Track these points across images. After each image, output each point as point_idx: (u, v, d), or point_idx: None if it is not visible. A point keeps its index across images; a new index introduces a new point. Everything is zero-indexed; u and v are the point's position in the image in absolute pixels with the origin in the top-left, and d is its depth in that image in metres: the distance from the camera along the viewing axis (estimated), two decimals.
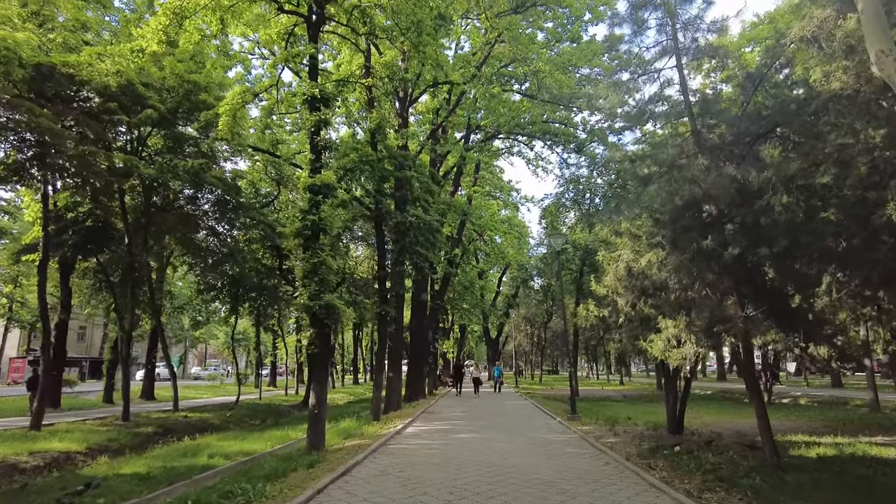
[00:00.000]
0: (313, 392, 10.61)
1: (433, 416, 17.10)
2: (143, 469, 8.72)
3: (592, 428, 14.22)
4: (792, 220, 8.26)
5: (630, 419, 16.42)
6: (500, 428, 13.62)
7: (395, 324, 18.75)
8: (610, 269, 12.28)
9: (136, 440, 13.95)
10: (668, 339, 10.20)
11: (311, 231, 10.82)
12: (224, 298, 25.60)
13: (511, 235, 39.21)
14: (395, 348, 18.66)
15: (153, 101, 15.09)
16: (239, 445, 11.39)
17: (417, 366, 24.24)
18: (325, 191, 11.20)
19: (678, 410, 13.28)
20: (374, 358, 40.56)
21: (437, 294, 27.49)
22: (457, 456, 9.35)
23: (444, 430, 13.22)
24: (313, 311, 10.46)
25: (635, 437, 12.63)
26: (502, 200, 41.54)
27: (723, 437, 12.87)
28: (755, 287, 8.98)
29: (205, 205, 18.39)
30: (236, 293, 25.62)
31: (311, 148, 11.71)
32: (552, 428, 13.95)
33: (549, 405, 21.15)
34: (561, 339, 60.71)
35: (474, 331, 61.54)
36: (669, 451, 10.31)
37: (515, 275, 49.63)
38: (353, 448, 10.44)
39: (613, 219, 11.84)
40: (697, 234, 9.04)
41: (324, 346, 10.87)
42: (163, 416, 19.53)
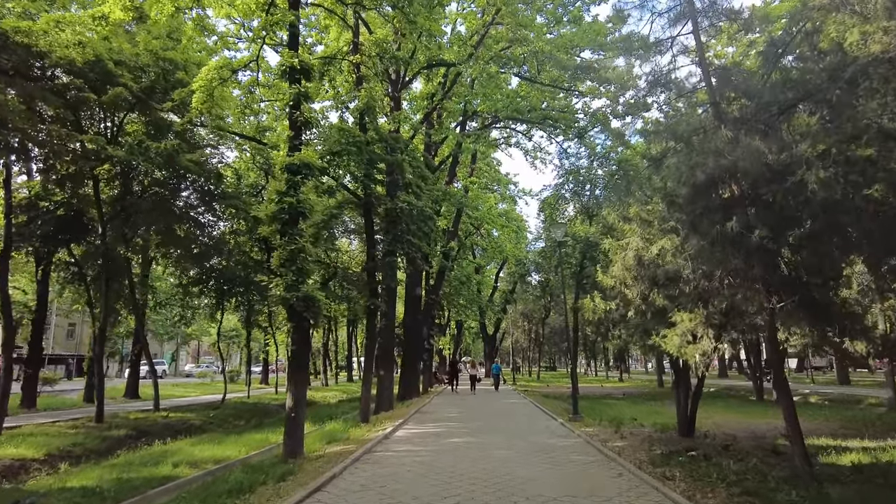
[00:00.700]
0: (290, 394, 9.58)
1: (427, 416, 16.09)
2: (93, 481, 7.68)
3: (597, 430, 13.24)
4: (828, 198, 7.27)
5: (635, 420, 15.46)
6: (497, 431, 12.62)
7: (387, 319, 17.72)
8: (617, 258, 11.28)
9: (105, 444, 12.90)
10: (684, 333, 9.21)
11: (289, 215, 9.76)
12: (209, 293, 24.49)
13: (509, 229, 38.19)
14: (387, 345, 17.64)
15: (125, 80, 13.98)
16: (211, 451, 10.36)
17: (411, 363, 23.23)
18: (305, 171, 10.15)
19: (690, 411, 12.31)
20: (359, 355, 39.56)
21: (432, 289, 26.46)
22: (449, 466, 8.33)
23: (437, 433, 12.21)
24: (290, 304, 9.43)
25: (644, 441, 11.65)
26: (500, 194, 40.53)
27: (738, 439, 11.91)
28: (784, 275, 7.98)
29: (184, 192, 17.26)
30: (222, 288, 24.54)
31: (289, 124, 10.66)
32: (554, 430, 12.95)
33: (548, 404, 20.17)
34: (559, 336, 59.81)
35: (471, 327, 60.57)
36: (685, 458, 9.32)
37: (513, 270, 48.62)
38: (335, 455, 9.42)
39: (623, 201, 10.80)
40: (720, 215, 8.04)
41: (303, 342, 9.84)
42: (141, 416, 18.47)
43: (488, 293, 47.37)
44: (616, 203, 11.30)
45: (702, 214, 8.29)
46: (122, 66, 14.39)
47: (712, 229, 7.91)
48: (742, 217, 7.76)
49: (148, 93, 14.55)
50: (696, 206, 8.38)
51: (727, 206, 8.30)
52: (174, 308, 26.21)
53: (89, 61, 13.30)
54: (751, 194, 8.26)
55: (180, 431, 16.06)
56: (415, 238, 13.66)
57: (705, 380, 12.84)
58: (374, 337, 14.89)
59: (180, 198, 17.36)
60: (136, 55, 14.66)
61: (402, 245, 13.59)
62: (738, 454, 9.79)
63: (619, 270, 11.07)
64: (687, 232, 8.85)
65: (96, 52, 13.13)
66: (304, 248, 9.63)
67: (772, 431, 13.49)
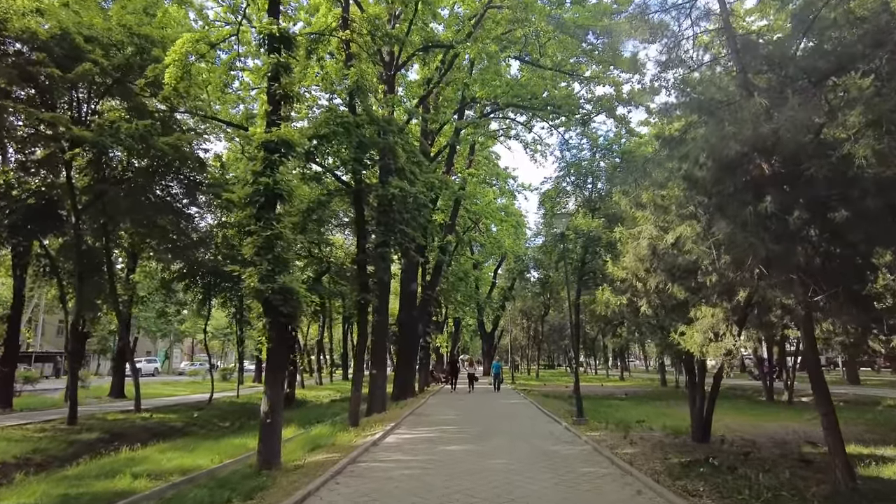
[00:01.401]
0: (266, 396, 8.57)
1: (421, 419, 15.10)
2: (33, 498, 6.67)
3: (603, 434, 12.27)
4: (879, 174, 6.31)
5: (643, 422, 14.50)
6: (497, 436, 11.63)
7: (379, 314, 16.72)
8: (629, 248, 10.29)
9: (71, 450, 11.90)
10: (706, 329, 8.23)
11: (265, 197, 8.75)
12: (196, 289, 23.44)
13: (507, 224, 37.19)
14: (379, 342, 16.64)
15: (96, 56, 12.93)
16: (181, 460, 9.35)
17: (407, 361, 22.24)
18: (285, 148, 9.13)
19: (705, 414, 11.34)
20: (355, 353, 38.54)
21: (428, 284, 25.44)
22: (442, 481, 7.34)
23: (431, 439, 11.21)
24: (265, 297, 8.42)
25: (656, 447, 10.68)
26: (498, 188, 39.52)
27: (758, 445, 10.94)
28: (826, 263, 7.00)
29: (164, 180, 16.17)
30: (209, 283, 23.52)
31: (267, 98, 9.63)
32: (558, 435, 11.97)
33: (550, 405, 19.19)
34: (558, 333, 58.83)
35: (469, 325, 59.57)
36: (707, 469, 8.34)
37: (512, 266, 47.70)
38: (316, 466, 8.43)
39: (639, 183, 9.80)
40: (751, 195, 7.05)
41: (280, 339, 8.83)
42: (120, 417, 17.48)
43: (487, 290, 46.39)
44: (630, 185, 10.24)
45: (730, 195, 7.31)
46: (93, 43, 13.35)
47: (743, 211, 6.92)
48: (777, 197, 6.77)
49: (122, 71, 13.50)
50: (724, 186, 7.40)
51: (759, 185, 7.31)
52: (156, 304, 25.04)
53: (55, 35, 12.25)
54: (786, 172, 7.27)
55: (158, 434, 15.06)
56: (408, 227, 12.64)
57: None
58: (364, 334, 13.88)
59: (159, 187, 16.26)
60: (108, 30, 13.61)
61: (395, 235, 12.59)
62: (764, 464, 8.81)
63: (631, 261, 10.08)
64: (712, 216, 7.87)
65: (62, 24, 12.08)
66: (282, 235, 8.62)
67: (791, 436, 12.55)
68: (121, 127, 12.04)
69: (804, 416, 16.81)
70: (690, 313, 9.12)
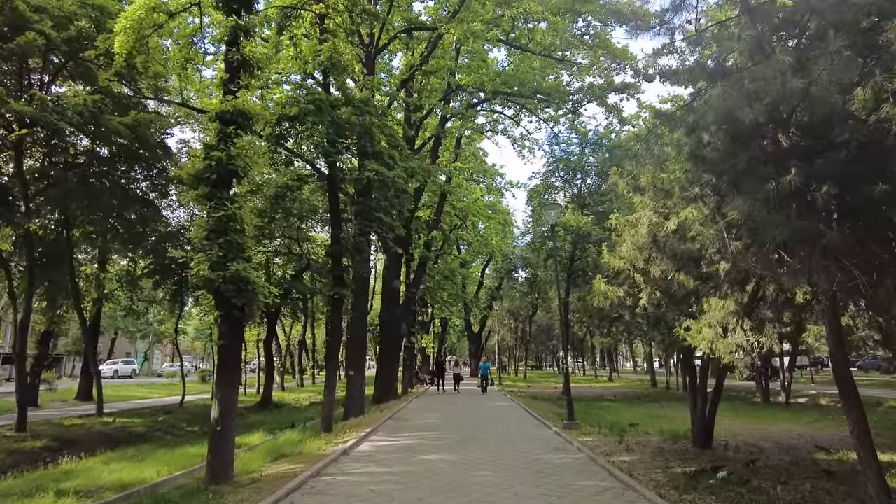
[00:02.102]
0: (217, 401, 7.51)
1: (401, 423, 14.07)
2: None
3: (596, 440, 11.34)
4: None
5: (637, 426, 13.62)
6: (482, 443, 10.64)
7: (357, 312, 15.67)
8: (627, 236, 9.37)
9: (10, 460, 10.71)
10: (715, 324, 7.31)
11: (218, 174, 7.69)
12: (166, 286, 22.21)
13: (495, 221, 36.35)
14: (358, 342, 15.60)
15: (43, 27, 11.76)
16: (123, 472, 8.24)
17: (389, 362, 21.17)
18: (242, 121, 8.08)
19: (707, 418, 10.45)
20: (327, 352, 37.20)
21: (412, 282, 24.41)
22: (415, 499, 6.32)
23: (409, 446, 10.18)
24: (216, 287, 7.36)
25: (655, 454, 9.77)
26: (486, 185, 38.63)
27: (765, 452, 10.07)
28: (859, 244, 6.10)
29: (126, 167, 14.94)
30: (181, 280, 22.29)
31: (225, 65, 8.59)
32: (549, 441, 11.01)
33: (538, 407, 18.25)
34: (546, 334, 58.03)
35: (456, 325, 58.59)
36: (717, 481, 7.41)
37: (499, 266, 46.85)
38: (274, 479, 7.38)
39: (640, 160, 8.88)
40: (771, 169, 6.13)
41: (233, 335, 7.77)
42: (78, 423, 16.27)
43: (474, 290, 45.47)
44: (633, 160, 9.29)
45: (747, 170, 6.38)
46: (43, 14, 12.18)
47: (762, 186, 5.99)
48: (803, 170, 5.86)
49: (73, 44, 12.33)
50: (738, 159, 6.48)
51: (779, 157, 6.40)
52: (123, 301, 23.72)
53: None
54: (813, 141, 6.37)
55: (116, 441, 13.89)
56: (386, 216, 11.61)
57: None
58: (338, 332, 12.83)
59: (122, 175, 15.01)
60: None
61: (372, 224, 11.56)
62: (778, 474, 7.92)
63: (629, 250, 9.15)
64: (724, 194, 6.94)
65: None
66: (236, 216, 7.56)
67: (798, 441, 11.72)
68: (66, 103, 10.88)
69: (804, 418, 16.06)
70: (695, 306, 8.23)
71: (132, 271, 19.66)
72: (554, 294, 45.42)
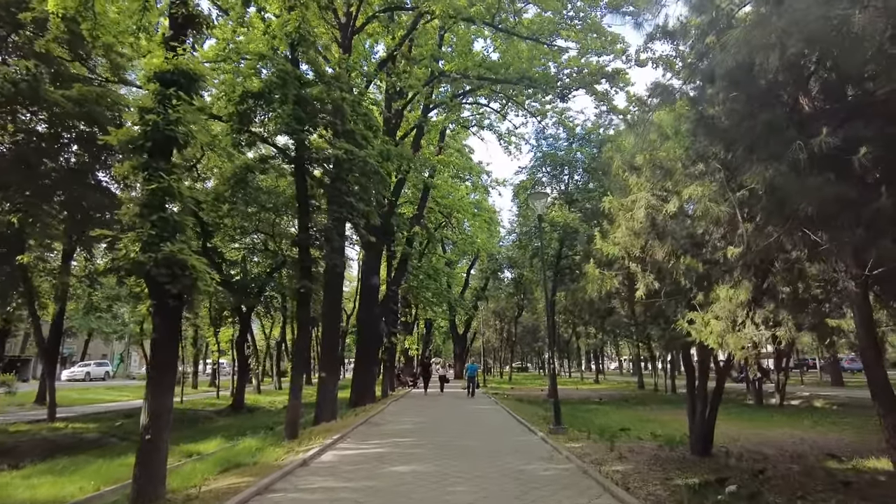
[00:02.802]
0: (146, 405, 6.41)
1: (375, 429, 13.01)
2: None
3: (585, 446, 10.40)
4: None
5: (628, 431, 12.72)
6: (461, 451, 9.62)
7: (330, 309, 14.60)
8: (622, 220, 8.44)
9: None
10: (725, 316, 6.38)
11: (154, 141, 6.61)
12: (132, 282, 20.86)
13: (481, 219, 35.41)
14: (330, 340, 14.53)
15: None
16: (38, 489, 7.10)
17: (366, 363, 20.05)
18: (185, 82, 7.00)
19: (706, 422, 9.54)
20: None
21: (393, 279, 23.34)
22: None
23: (380, 455, 9.13)
24: (147, 271, 6.28)
25: (651, 463, 8.83)
26: (471, 183, 37.69)
27: (770, 460, 9.19)
28: None
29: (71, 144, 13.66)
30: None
31: (169, 21, 7.52)
32: (534, 449, 10.02)
33: (523, 411, 17.28)
34: (532, 335, 57.21)
35: (441, 327, 57.53)
36: (725, 497, 6.47)
37: (485, 266, 45.92)
38: (214, 496, 6.31)
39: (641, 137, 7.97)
40: (794, 132, 5.23)
41: (168, 329, 6.68)
42: (24, 429, 14.99)
43: (459, 290, 44.47)
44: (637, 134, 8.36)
45: (767, 133, 5.45)
46: None
47: (786, 151, 5.06)
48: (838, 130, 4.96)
49: (11, 11, 11.13)
50: (757, 121, 5.56)
51: (807, 117, 5.51)
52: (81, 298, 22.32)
53: None
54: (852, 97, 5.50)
55: (62, 448, 12.64)
56: (359, 201, 10.54)
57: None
58: (306, 330, 11.74)
59: (69, 153, 13.74)
60: None
61: (342, 210, 10.51)
62: (791, 486, 7.00)
63: (624, 236, 8.23)
64: (737, 166, 6.03)
65: None
66: (173, 190, 6.48)
67: (802, 446, 10.86)
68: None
69: (802, 421, 15.26)
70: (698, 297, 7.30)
71: (90, 265, 18.27)
72: (540, 295, 44.72)
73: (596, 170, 25.71)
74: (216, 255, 22.21)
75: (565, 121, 26.04)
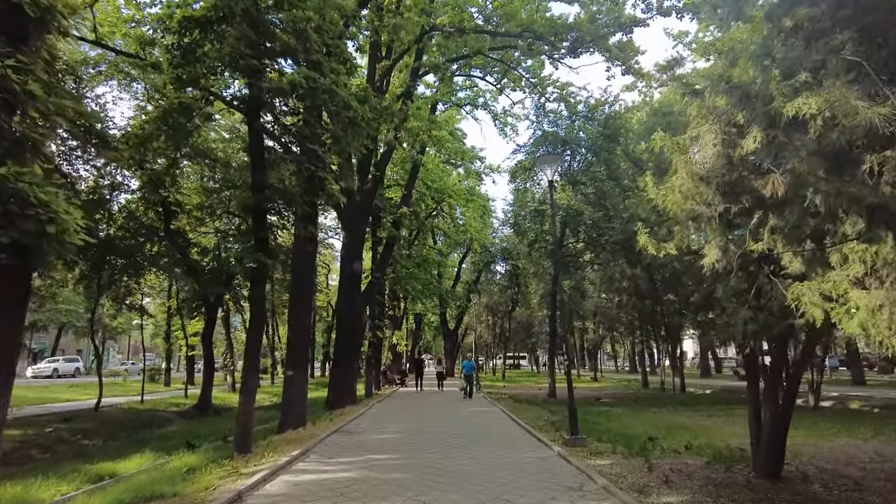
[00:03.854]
0: None
1: (350, 439, 10.64)
2: None
3: (614, 463, 8.18)
4: None
5: (657, 441, 10.49)
6: (457, 478, 7.28)
7: (299, 296, 12.22)
8: (679, 164, 6.16)
9: None
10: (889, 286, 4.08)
11: None
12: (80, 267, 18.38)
13: (474, 205, 33.17)
14: (299, 332, 12.16)
15: None
16: None
17: (346, 359, 17.66)
18: None
19: (777, 434, 7.32)
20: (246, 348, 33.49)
21: (377, 265, 20.94)
22: None
23: (346, 484, 6.75)
24: None
25: (707, 489, 6.64)
26: (464, 170, 35.45)
27: (864, 487, 6.97)
28: None
29: None
30: (101, 259, 18.53)
31: None
32: (554, 471, 7.72)
33: (526, 415, 15.01)
34: (525, 331, 54.92)
35: (431, 322, 55.17)
36: None
37: (478, 258, 43.68)
38: None
39: None
40: None
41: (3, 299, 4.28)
42: None
43: (450, 283, 42.19)
44: None
45: None
46: None
47: None
48: None
49: None
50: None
51: None
52: None
53: None
54: None
55: None
56: (319, 146, 8.09)
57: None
58: (260, 318, 9.28)
59: None
60: None
61: (302, 158, 8.09)
62: None
63: (684, 180, 5.95)
64: None
65: None
66: None
67: (886, 463, 8.67)
68: None
69: (858, 427, 12.91)
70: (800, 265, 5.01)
71: None
72: (535, 288, 42.51)
73: (602, 149, 23.48)
74: (180, 237, 19.82)
75: (567, 96, 23.84)
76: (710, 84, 6.19)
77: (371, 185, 17.73)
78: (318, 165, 7.97)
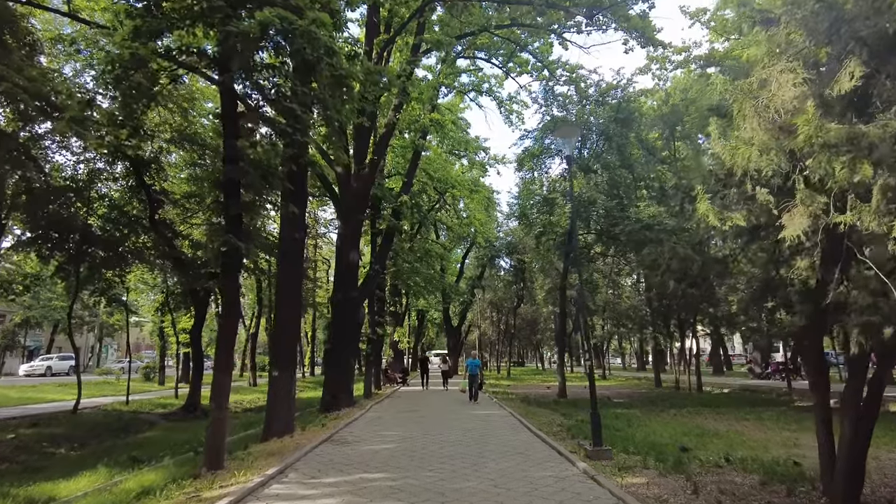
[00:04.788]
0: None
1: (341, 451, 9.31)
2: None
3: (650, 482, 6.89)
4: None
5: (690, 452, 9.21)
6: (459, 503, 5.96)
7: (286, 286, 10.90)
8: (748, 111, 4.83)
9: None
10: None
11: None
12: (59, 258, 17.16)
13: (478, 196, 31.82)
14: (285, 328, 10.86)
15: None
16: None
17: (341, 357, 16.35)
18: None
19: (857, 449, 6.00)
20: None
21: (377, 256, 19.61)
22: None
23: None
24: None
25: None
26: (467, 161, 34.18)
27: None
28: None
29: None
30: (80, 250, 17.28)
31: None
32: (580, 494, 6.39)
33: (538, 418, 13.69)
34: (530, 328, 53.51)
35: (434, 318, 53.81)
36: None
37: (482, 253, 42.43)
38: None
39: None
40: None
41: None
42: None
43: (453, 279, 40.85)
44: None
45: None
46: None
47: None
48: None
49: None
50: None
51: None
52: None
53: None
54: None
55: None
56: (297, 103, 6.75)
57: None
58: (232, 311, 7.96)
59: None
60: None
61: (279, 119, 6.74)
62: None
63: (755, 131, 4.61)
64: None
65: None
66: None
67: None
68: None
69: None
70: None
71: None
72: (541, 283, 41.12)
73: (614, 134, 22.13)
74: (167, 227, 18.55)
75: (577, 79, 22.49)
76: (790, 4, 4.83)
77: (369, 170, 16.40)
78: (297, 128, 6.64)
